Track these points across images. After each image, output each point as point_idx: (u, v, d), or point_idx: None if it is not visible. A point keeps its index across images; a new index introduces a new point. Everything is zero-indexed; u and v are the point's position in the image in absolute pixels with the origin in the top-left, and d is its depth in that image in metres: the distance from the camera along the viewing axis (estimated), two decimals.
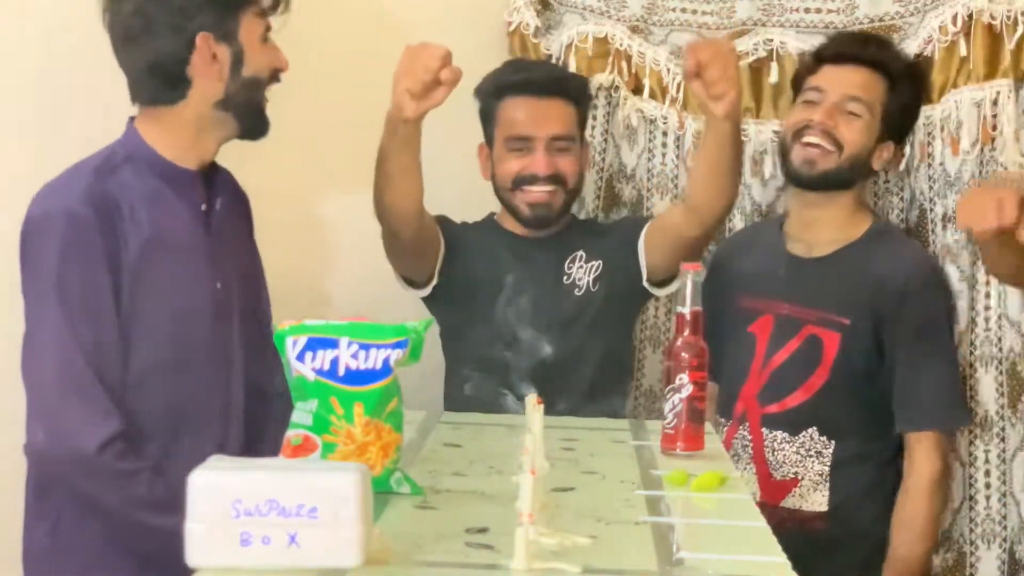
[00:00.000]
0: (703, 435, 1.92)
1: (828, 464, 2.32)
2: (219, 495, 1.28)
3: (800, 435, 2.35)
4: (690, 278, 1.92)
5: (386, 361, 1.59)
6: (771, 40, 2.52)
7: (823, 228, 2.39)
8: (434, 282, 2.45)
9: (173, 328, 1.94)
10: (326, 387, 1.58)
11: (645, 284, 2.47)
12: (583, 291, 2.46)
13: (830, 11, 2.54)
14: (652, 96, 2.65)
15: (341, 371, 1.58)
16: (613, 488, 1.73)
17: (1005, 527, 2.43)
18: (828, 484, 2.33)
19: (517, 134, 2.43)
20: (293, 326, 1.61)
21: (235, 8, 1.95)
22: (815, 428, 2.34)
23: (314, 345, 1.59)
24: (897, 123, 2.39)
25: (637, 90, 2.66)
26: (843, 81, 2.34)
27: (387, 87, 2.35)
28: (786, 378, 2.36)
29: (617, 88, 2.65)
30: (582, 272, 2.48)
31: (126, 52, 1.96)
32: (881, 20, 2.48)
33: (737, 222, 2.62)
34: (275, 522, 1.28)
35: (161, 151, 1.96)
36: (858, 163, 2.33)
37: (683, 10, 2.66)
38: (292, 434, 1.60)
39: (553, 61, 2.68)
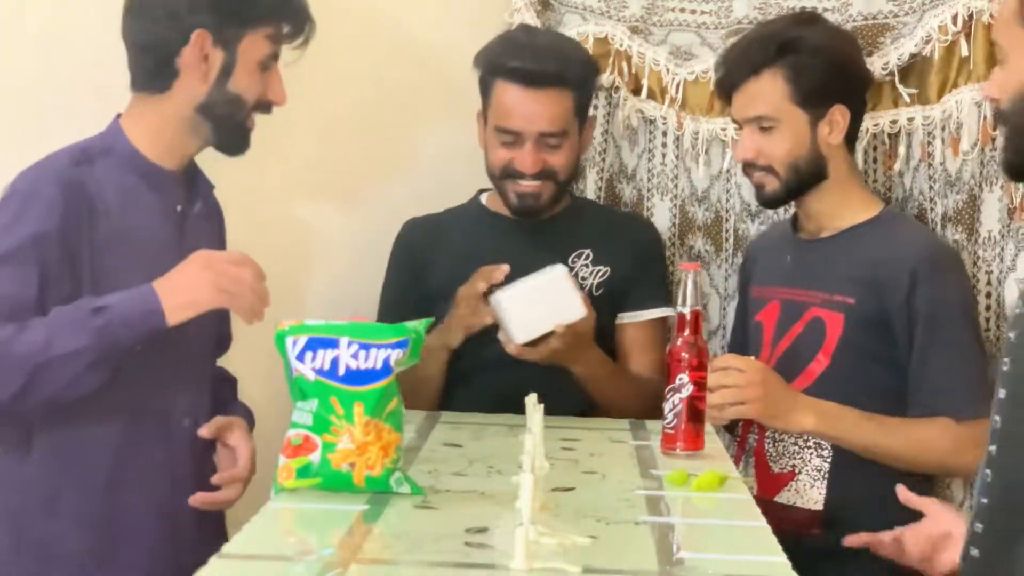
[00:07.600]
0: (703, 435, 1.92)
1: (828, 460, 2.20)
2: None
3: None
4: (690, 278, 1.92)
5: (386, 361, 1.59)
6: None
7: (823, 217, 2.29)
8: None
9: None
10: (326, 387, 1.58)
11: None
12: (585, 292, 2.35)
13: (825, 10, 2.52)
14: (651, 96, 2.65)
15: (341, 371, 1.59)
16: (613, 488, 1.73)
17: None
18: (826, 481, 2.21)
19: (506, 126, 2.32)
20: (293, 326, 1.61)
21: (243, 20, 1.93)
22: None
23: (314, 345, 1.59)
24: (822, 93, 2.23)
25: (637, 90, 2.66)
26: (741, 107, 2.26)
27: (382, 88, 2.35)
28: (789, 365, 2.25)
29: (618, 88, 2.65)
30: (587, 272, 2.39)
31: (128, 23, 1.94)
32: (875, 18, 2.47)
33: (731, 224, 2.63)
34: None
35: (141, 148, 1.94)
36: (801, 166, 2.23)
37: (682, 10, 2.66)
38: (292, 434, 1.60)
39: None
